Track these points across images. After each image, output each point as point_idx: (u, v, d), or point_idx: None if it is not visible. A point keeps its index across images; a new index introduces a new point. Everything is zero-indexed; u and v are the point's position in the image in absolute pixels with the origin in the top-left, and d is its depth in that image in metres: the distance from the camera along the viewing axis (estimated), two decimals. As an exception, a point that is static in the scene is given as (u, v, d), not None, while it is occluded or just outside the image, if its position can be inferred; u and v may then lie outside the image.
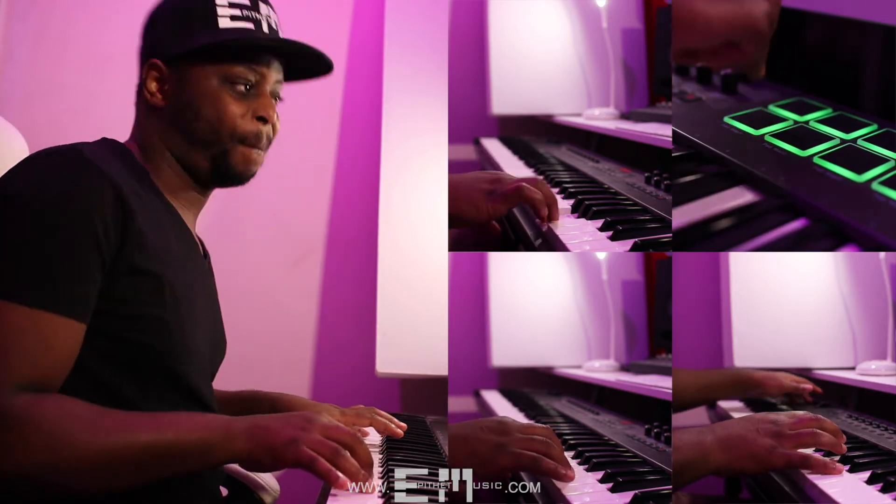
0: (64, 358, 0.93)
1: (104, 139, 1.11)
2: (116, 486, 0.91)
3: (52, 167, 0.98)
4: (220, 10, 1.10)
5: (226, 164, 1.12)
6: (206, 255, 1.22)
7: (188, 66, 1.10)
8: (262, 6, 1.14)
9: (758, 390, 1.57)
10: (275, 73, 1.14)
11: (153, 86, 1.11)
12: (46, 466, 0.87)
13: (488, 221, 1.24)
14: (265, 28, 1.13)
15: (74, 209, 0.94)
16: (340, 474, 0.92)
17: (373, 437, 1.31)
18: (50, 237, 0.93)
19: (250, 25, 1.11)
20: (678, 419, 1.35)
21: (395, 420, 1.34)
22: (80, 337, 0.94)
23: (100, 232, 0.95)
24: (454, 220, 1.22)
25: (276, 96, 1.15)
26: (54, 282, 0.92)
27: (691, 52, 1.16)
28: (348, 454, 0.95)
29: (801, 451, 1.10)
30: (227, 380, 1.38)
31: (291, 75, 1.18)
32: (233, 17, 1.11)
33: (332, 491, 0.95)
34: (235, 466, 1.35)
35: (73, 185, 0.96)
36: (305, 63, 1.17)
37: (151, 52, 1.13)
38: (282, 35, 1.15)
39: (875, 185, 1.06)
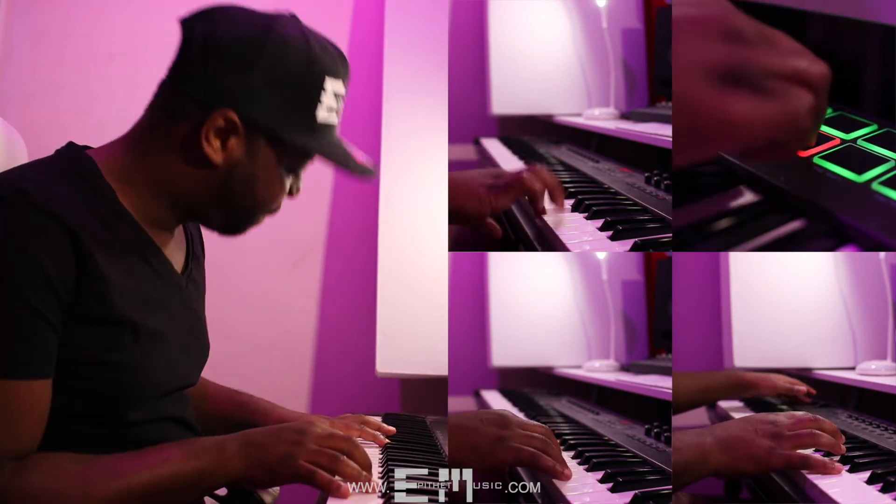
0: (40, 419, 0.91)
1: (66, 148, 1.03)
2: None
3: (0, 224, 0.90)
4: (323, 97, 0.99)
5: (240, 228, 1.07)
6: (192, 257, 1.14)
7: (266, 144, 0.99)
8: (347, 88, 1.05)
9: (752, 391, 1.57)
10: None
11: (217, 141, 0.97)
12: None
13: (491, 215, 1.22)
14: (340, 117, 1.06)
15: (28, 266, 0.88)
16: (341, 483, 0.92)
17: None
18: (9, 300, 0.88)
19: (336, 119, 1.03)
20: (678, 419, 1.35)
21: (384, 427, 1.31)
22: (49, 392, 0.91)
23: (55, 281, 0.89)
24: (456, 216, 1.20)
25: None
26: (18, 347, 0.88)
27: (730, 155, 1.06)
28: (346, 458, 0.95)
29: (800, 451, 1.10)
30: (228, 380, 1.37)
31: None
32: (328, 109, 1.01)
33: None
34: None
35: (22, 237, 0.89)
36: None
37: (229, 99, 0.96)
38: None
39: (875, 185, 1.06)
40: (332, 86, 1.00)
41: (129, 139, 1.03)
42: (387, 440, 1.27)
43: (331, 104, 1.01)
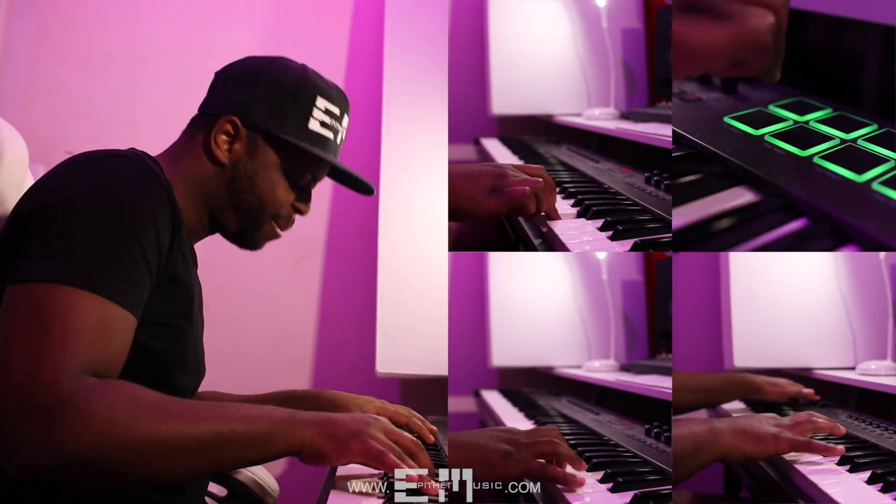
0: (124, 348, 0.94)
1: (132, 150, 1.11)
2: (182, 474, 0.91)
3: (118, 168, 1.01)
4: (315, 112, 1.16)
5: (252, 235, 1.20)
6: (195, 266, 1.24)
7: (264, 144, 1.15)
8: (345, 118, 1.21)
9: (758, 395, 1.57)
10: (321, 178, 1.23)
11: (222, 139, 1.14)
12: (118, 450, 0.86)
13: (488, 219, 1.24)
14: (338, 140, 1.20)
15: (141, 212, 0.97)
16: (408, 469, 0.94)
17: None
18: (119, 233, 0.95)
19: (331, 135, 1.18)
20: (678, 420, 1.35)
21: (429, 424, 1.34)
22: (133, 332, 0.95)
23: (161, 233, 0.98)
24: (453, 214, 1.22)
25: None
26: (124, 276, 0.93)
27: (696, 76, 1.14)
28: (410, 460, 0.96)
29: (804, 437, 1.16)
30: (228, 380, 1.38)
31: (334, 176, 1.27)
32: (322, 123, 1.17)
33: (333, 491, 0.95)
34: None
35: (140, 189, 0.99)
36: (349, 180, 1.26)
37: (235, 108, 1.14)
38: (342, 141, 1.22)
39: (875, 185, 1.06)
40: (325, 104, 1.17)
41: (168, 154, 1.17)
42: (431, 437, 1.31)
43: (324, 119, 1.17)
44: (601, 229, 1.19)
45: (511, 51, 1.94)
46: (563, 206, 1.30)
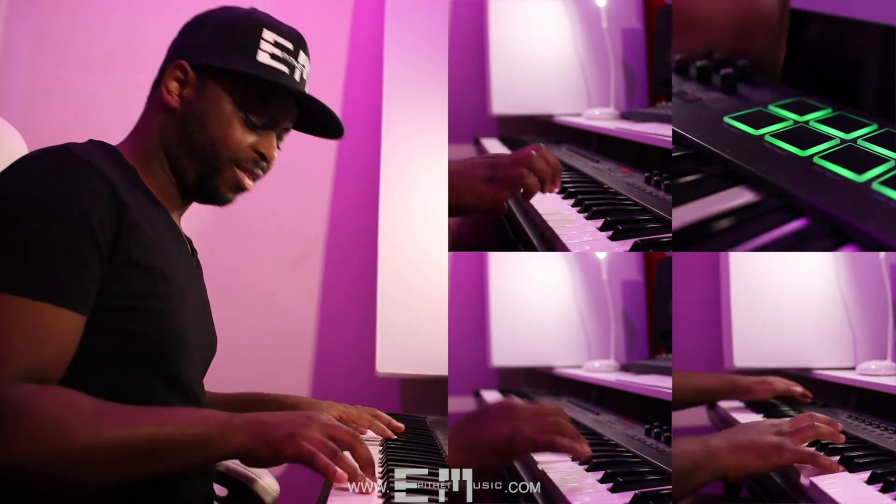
0: (65, 350, 0.94)
1: (90, 141, 1.11)
2: (115, 479, 0.91)
3: (45, 166, 0.99)
4: (263, 44, 1.13)
5: (213, 183, 1.13)
6: (193, 252, 1.23)
7: (212, 81, 1.11)
8: (301, 55, 1.17)
9: (749, 396, 1.57)
10: (287, 120, 1.17)
11: (173, 85, 1.12)
12: (47, 457, 0.87)
13: (491, 208, 1.23)
14: (297, 77, 1.15)
15: (71, 204, 0.95)
16: (338, 469, 0.92)
17: (374, 438, 1.31)
18: (49, 231, 0.94)
19: (285, 69, 1.14)
20: (678, 420, 1.35)
21: (394, 422, 1.34)
22: (80, 329, 0.95)
23: (96, 225, 0.96)
24: (456, 210, 1.20)
25: (279, 138, 1.18)
26: (55, 274, 0.93)
27: (699, 52, 1.10)
28: (347, 455, 0.95)
29: (807, 448, 1.12)
30: (228, 380, 1.38)
31: (301, 127, 1.21)
32: (272, 56, 1.13)
33: (333, 490, 0.95)
34: (237, 465, 1.36)
35: (68, 182, 0.97)
36: (318, 120, 1.20)
37: (182, 53, 1.13)
38: (308, 88, 1.18)
39: (875, 185, 1.06)
40: (273, 37, 1.14)
41: (133, 129, 1.16)
42: (394, 435, 1.31)
43: (273, 52, 1.13)
44: (601, 229, 1.19)
45: (511, 51, 1.94)
46: (564, 206, 1.30)
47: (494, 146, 1.85)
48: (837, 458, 1.13)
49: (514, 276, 1.89)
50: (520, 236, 1.28)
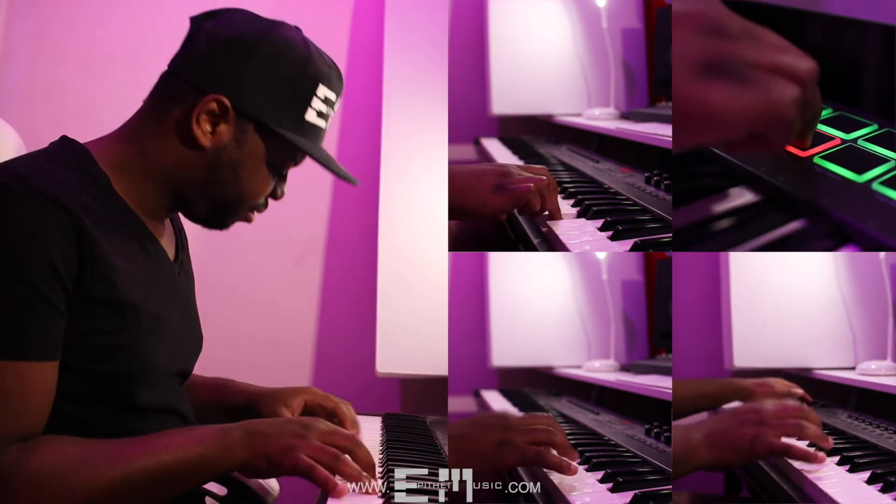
0: (44, 400, 0.91)
1: (60, 140, 1.04)
2: None
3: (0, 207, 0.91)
4: (314, 102, 1.04)
5: (224, 220, 1.10)
6: (179, 252, 1.16)
7: (254, 133, 1.03)
8: (338, 101, 1.10)
9: (749, 398, 1.57)
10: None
11: (208, 124, 1.01)
12: None
13: (493, 216, 1.23)
14: (328, 125, 1.10)
15: (29, 245, 0.89)
16: (339, 482, 0.92)
17: (373, 439, 1.31)
18: (8, 281, 0.88)
19: (324, 124, 1.08)
20: (678, 422, 1.35)
21: (358, 426, 1.31)
22: (54, 375, 0.92)
23: (58, 263, 0.89)
24: (458, 213, 1.20)
25: None
26: (23, 328, 0.88)
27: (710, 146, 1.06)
28: (348, 458, 0.94)
29: (784, 440, 1.10)
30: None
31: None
32: (318, 113, 1.06)
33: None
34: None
35: (23, 221, 0.90)
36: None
37: (225, 86, 1.01)
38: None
39: (875, 185, 1.06)
40: (325, 92, 1.06)
41: (125, 129, 1.06)
42: (357, 427, 1.28)
43: (321, 109, 1.06)
44: (601, 229, 1.19)
45: (511, 51, 1.94)
46: (563, 206, 1.30)
47: (494, 146, 1.85)
48: (837, 458, 1.13)
49: (514, 276, 1.89)
50: (520, 236, 1.28)
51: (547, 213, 1.22)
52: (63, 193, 0.93)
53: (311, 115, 1.05)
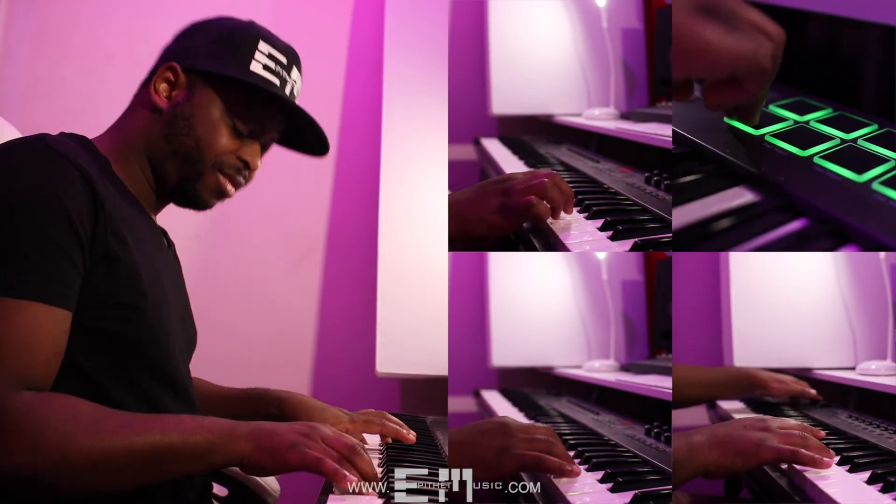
0: (57, 349, 0.93)
1: (63, 133, 1.10)
2: (119, 487, 0.91)
3: (18, 158, 0.98)
4: (257, 55, 1.14)
5: (194, 187, 1.14)
6: (170, 244, 1.22)
7: (203, 85, 1.13)
8: (294, 71, 1.18)
9: (761, 390, 1.57)
10: (273, 130, 1.18)
11: (162, 86, 1.13)
12: (51, 466, 0.86)
13: (501, 237, 1.21)
14: (287, 91, 1.17)
15: (47, 197, 0.94)
16: (347, 473, 0.92)
17: (373, 438, 1.31)
18: (26, 227, 0.92)
19: (276, 81, 1.15)
20: (678, 418, 1.35)
21: (406, 426, 1.31)
22: (68, 325, 0.94)
23: (74, 218, 0.94)
24: (463, 241, 1.18)
25: (263, 149, 1.19)
26: (37, 271, 0.91)
27: (691, 80, 1.13)
28: (349, 465, 0.95)
29: (789, 446, 1.09)
30: (228, 380, 1.38)
31: (286, 142, 1.23)
32: (265, 67, 1.14)
33: (332, 491, 0.95)
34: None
35: (42, 174, 0.96)
36: (305, 136, 1.21)
37: (175, 55, 1.15)
38: (299, 104, 1.18)
39: (875, 185, 1.06)
40: (268, 49, 1.15)
41: (115, 122, 1.17)
42: (411, 437, 1.27)
43: (267, 63, 1.14)
44: (601, 229, 1.19)
45: (511, 51, 1.94)
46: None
47: (494, 146, 1.85)
48: (838, 458, 1.13)
49: (514, 276, 1.89)
50: (520, 236, 1.28)
51: (562, 216, 1.19)
52: (78, 158, 1.00)
53: (256, 67, 1.13)
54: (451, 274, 1.75)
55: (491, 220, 1.17)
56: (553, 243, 1.20)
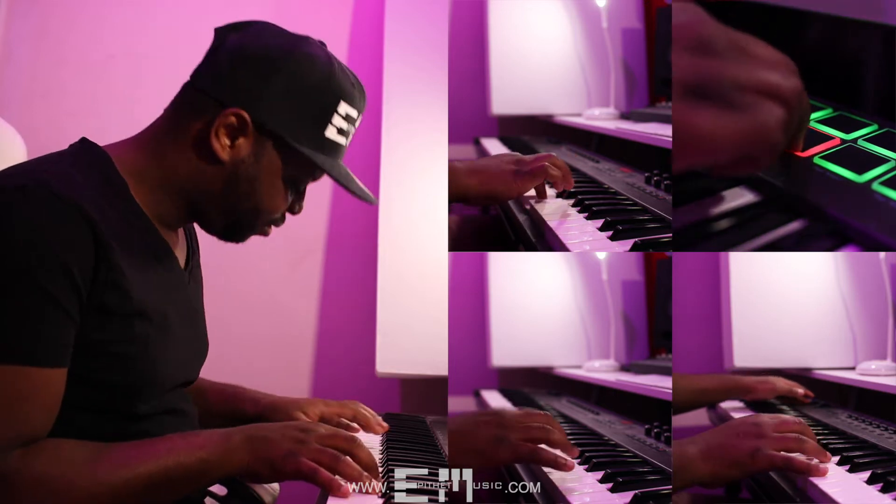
0: (50, 408, 0.91)
1: (80, 144, 1.04)
2: None
3: (17, 208, 0.90)
4: (335, 119, 1.04)
5: (239, 234, 1.09)
6: (192, 252, 1.17)
7: (272, 148, 1.02)
8: (360, 118, 1.09)
9: (750, 396, 1.57)
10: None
11: (227, 137, 1.01)
12: None
13: (516, 197, 1.34)
14: (348, 142, 1.09)
15: (46, 254, 0.89)
16: (342, 483, 0.93)
17: (372, 439, 1.31)
18: (23, 286, 0.88)
19: (344, 141, 1.07)
20: (678, 420, 1.35)
21: (378, 418, 1.34)
22: (62, 381, 0.92)
23: (75, 273, 0.90)
24: (485, 197, 1.33)
25: None
26: (32, 335, 0.88)
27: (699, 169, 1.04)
28: (349, 459, 0.95)
29: (784, 453, 1.08)
30: (228, 380, 1.37)
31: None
32: (339, 130, 1.05)
33: (332, 491, 0.95)
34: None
35: (43, 228, 0.89)
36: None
37: (245, 101, 1.00)
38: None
39: (875, 185, 1.06)
40: (346, 109, 1.04)
41: (144, 137, 1.06)
42: (378, 429, 1.31)
43: (341, 126, 1.05)
44: (601, 229, 1.19)
45: (511, 51, 1.94)
46: (564, 206, 1.30)
47: (494, 146, 1.85)
48: (837, 458, 1.13)
49: (514, 276, 1.89)
50: (520, 236, 1.28)
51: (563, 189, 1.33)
52: (84, 201, 0.93)
53: (331, 132, 1.04)
54: (451, 274, 1.75)
55: (508, 178, 1.30)
56: (553, 243, 1.20)
